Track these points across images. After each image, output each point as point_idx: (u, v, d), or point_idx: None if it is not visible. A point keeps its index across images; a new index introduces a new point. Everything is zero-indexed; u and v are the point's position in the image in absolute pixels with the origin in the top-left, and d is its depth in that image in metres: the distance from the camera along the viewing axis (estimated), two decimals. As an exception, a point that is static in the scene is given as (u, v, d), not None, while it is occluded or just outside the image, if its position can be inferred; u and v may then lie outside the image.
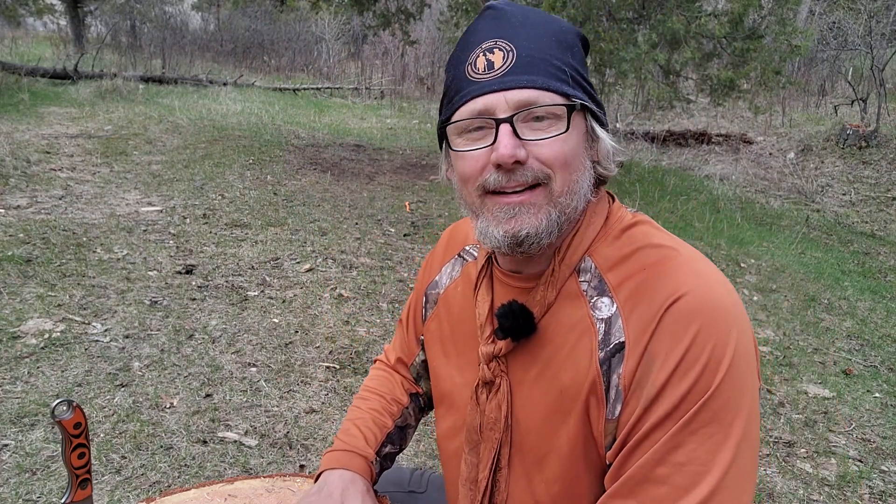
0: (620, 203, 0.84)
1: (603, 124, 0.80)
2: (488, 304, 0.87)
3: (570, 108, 0.74)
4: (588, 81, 0.79)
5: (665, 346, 0.69)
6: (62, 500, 0.86)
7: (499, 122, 0.73)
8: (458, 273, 0.97)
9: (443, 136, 0.81)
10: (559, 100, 0.74)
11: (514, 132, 0.73)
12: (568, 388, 0.76)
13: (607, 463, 0.75)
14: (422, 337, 1.05)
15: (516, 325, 0.79)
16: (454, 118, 0.77)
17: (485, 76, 0.74)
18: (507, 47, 0.74)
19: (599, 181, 0.81)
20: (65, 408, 0.82)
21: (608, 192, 0.85)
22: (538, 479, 0.81)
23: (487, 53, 0.75)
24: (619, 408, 0.72)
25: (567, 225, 0.77)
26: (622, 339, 0.72)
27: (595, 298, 0.76)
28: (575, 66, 0.77)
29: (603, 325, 0.74)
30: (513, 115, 0.73)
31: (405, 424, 1.08)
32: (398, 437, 1.06)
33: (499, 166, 0.73)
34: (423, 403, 1.12)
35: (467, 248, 0.99)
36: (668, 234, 0.79)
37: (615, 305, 0.74)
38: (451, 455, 0.94)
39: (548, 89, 0.73)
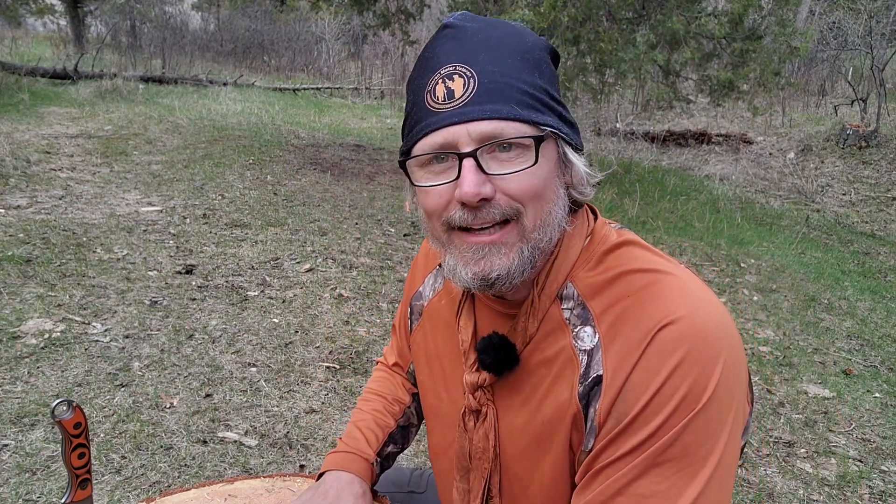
0: (605, 220, 0.79)
1: (576, 147, 0.73)
2: (471, 329, 0.83)
3: (539, 139, 0.68)
4: (559, 101, 0.72)
5: (644, 377, 0.65)
6: (62, 500, 0.86)
7: (462, 156, 0.67)
8: (440, 285, 0.94)
9: (404, 167, 0.74)
10: (527, 130, 0.67)
11: (479, 166, 0.67)
12: (550, 420, 0.74)
13: (575, 485, 0.74)
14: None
15: (497, 359, 0.76)
16: (414, 151, 0.71)
17: (445, 107, 0.68)
18: (468, 73, 0.67)
19: (575, 204, 0.76)
20: (65, 408, 0.82)
21: (590, 209, 0.80)
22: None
23: (447, 80, 0.68)
24: (591, 440, 0.70)
25: (541, 257, 0.73)
26: (600, 373, 0.69)
27: (578, 328, 0.72)
28: (544, 87, 0.70)
29: (585, 356, 0.71)
30: (476, 149, 0.67)
31: (408, 423, 1.08)
32: (401, 436, 1.06)
33: (464, 204, 0.68)
34: None
35: None
36: (657, 253, 0.75)
37: (597, 336, 0.70)
38: (442, 474, 0.95)
39: (514, 119, 0.67)
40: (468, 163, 0.67)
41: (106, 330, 2.88)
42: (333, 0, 8.32)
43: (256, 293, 3.43)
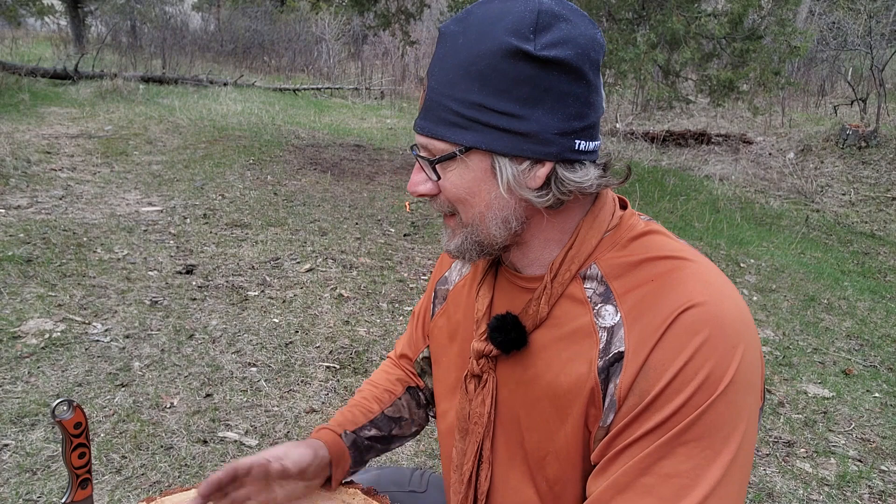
0: (633, 211, 0.83)
1: (515, 155, 0.73)
2: (487, 300, 0.88)
3: (433, 161, 0.76)
4: (502, 111, 0.71)
5: (666, 356, 0.68)
6: (62, 500, 0.86)
7: (416, 156, 0.80)
8: (468, 269, 0.99)
9: None
10: (442, 148, 0.75)
11: (423, 168, 0.79)
12: (564, 394, 0.76)
13: (592, 464, 0.75)
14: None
15: (507, 339, 0.80)
16: None
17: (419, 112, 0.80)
18: (426, 84, 0.77)
19: (558, 201, 0.77)
20: (65, 407, 0.82)
21: (620, 199, 0.84)
22: (540, 477, 0.82)
23: (422, 87, 0.80)
24: (611, 416, 0.72)
25: (490, 248, 0.80)
26: (622, 349, 0.71)
27: (599, 306, 0.75)
28: (476, 102, 0.72)
29: (606, 333, 0.74)
30: (419, 155, 0.79)
31: (398, 416, 1.07)
32: (386, 424, 1.05)
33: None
34: (422, 399, 1.12)
35: None
36: (681, 242, 0.78)
37: (619, 315, 0.73)
38: (445, 437, 0.97)
39: (434, 136, 0.76)
40: (416, 164, 0.80)
41: (106, 330, 2.89)
42: (333, 0, 8.32)
43: (257, 293, 3.43)
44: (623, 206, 0.83)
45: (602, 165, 0.78)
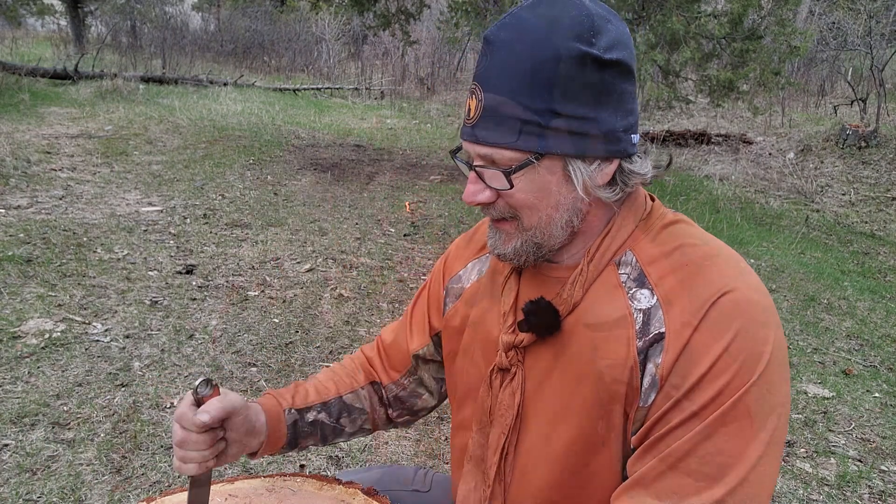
0: (661, 204, 0.87)
1: (586, 156, 0.76)
2: (514, 293, 0.89)
3: (508, 171, 0.76)
4: (573, 115, 0.74)
5: (707, 340, 0.71)
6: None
7: (470, 166, 0.80)
8: (486, 268, 0.98)
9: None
10: (514, 157, 0.76)
11: (481, 177, 0.79)
12: (602, 376, 0.78)
13: (631, 448, 0.77)
14: (438, 331, 1.04)
15: (542, 322, 0.81)
16: (459, 154, 0.85)
17: (467, 122, 0.79)
18: (479, 94, 0.76)
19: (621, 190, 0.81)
20: (204, 385, 0.85)
21: (649, 195, 0.87)
22: (566, 465, 0.82)
23: (470, 97, 0.79)
24: (652, 396, 0.74)
25: (548, 249, 0.82)
26: (662, 330, 0.74)
27: (634, 290, 0.78)
28: (545, 109, 0.73)
29: (641, 315, 0.76)
30: (476, 165, 0.79)
31: (354, 405, 1.05)
32: (336, 410, 1.03)
33: None
34: (385, 397, 1.09)
35: None
36: (708, 234, 0.82)
37: (655, 297, 0.76)
38: (459, 430, 0.97)
39: (501, 146, 0.75)
40: (472, 174, 0.80)
41: (106, 330, 2.89)
42: (333, 0, 8.32)
43: (256, 293, 3.43)
44: (651, 199, 0.87)
45: (649, 157, 0.83)
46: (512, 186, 0.77)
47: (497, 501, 0.88)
